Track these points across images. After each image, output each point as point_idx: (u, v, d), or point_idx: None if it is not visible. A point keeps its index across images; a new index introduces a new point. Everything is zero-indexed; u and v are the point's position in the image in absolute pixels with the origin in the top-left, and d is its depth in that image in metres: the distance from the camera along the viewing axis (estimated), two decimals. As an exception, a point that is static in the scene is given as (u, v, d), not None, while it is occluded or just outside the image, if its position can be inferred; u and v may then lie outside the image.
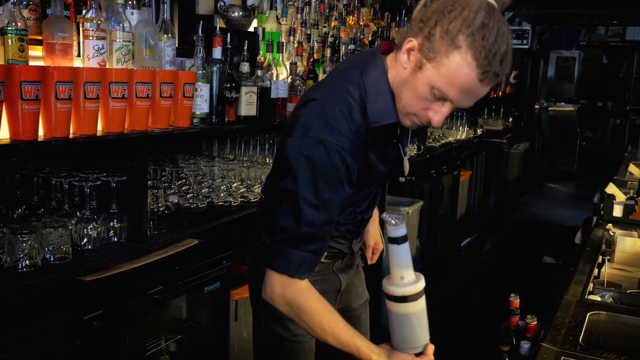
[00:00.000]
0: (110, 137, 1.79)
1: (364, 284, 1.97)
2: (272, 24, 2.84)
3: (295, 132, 1.39)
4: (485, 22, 1.27)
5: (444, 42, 1.28)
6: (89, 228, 1.87)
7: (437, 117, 1.38)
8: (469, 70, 1.28)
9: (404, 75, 1.37)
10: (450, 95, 1.33)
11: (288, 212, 1.36)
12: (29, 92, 1.55)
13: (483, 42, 1.26)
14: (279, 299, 1.41)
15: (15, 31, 1.61)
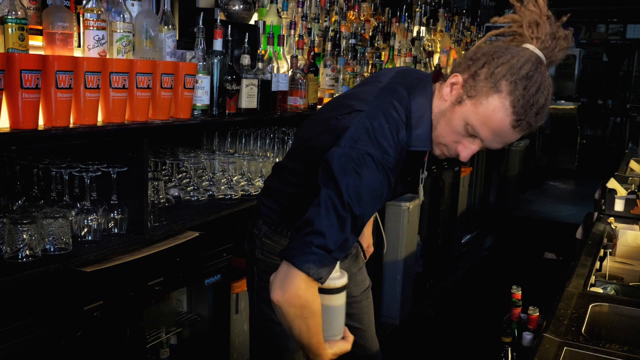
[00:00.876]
0: (111, 127, 1.78)
1: (364, 272, 1.98)
2: (272, 18, 2.83)
3: (343, 142, 1.39)
4: (530, 73, 1.34)
5: (487, 83, 1.35)
6: (89, 219, 1.86)
7: (466, 152, 1.44)
8: (504, 115, 1.34)
9: (443, 107, 1.44)
10: (482, 134, 1.39)
11: (330, 220, 1.32)
12: (29, 80, 1.54)
13: (523, 92, 1.33)
14: (298, 302, 1.35)
15: (15, 20, 1.61)
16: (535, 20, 1.41)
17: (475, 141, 1.43)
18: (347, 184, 1.33)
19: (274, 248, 1.75)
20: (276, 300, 1.35)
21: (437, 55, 4.73)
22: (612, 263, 2.44)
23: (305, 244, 1.31)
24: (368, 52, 3.46)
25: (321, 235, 1.31)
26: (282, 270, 1.35)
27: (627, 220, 2.98)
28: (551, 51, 1.41)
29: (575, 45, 9.72)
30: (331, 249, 1.32)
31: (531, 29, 1.40)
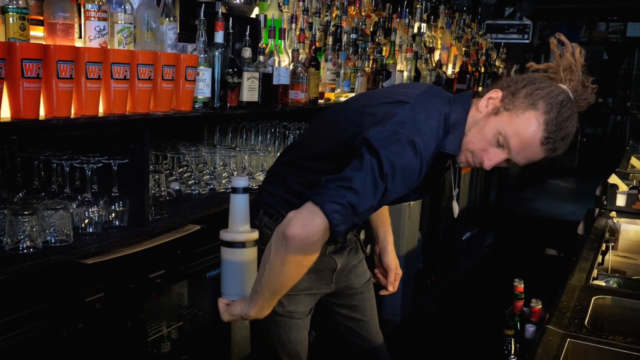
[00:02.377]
0: (112, 118, 1.77)
1: (364, 264, 1.98)
2: (273, 11, 2.82)
3: (387, 124, 1.44)
4: (564, 102, 1.47)
5: (525, 100, 1.47)
6: (90, 211, 1.85)
7: (490, 161, 1.52)
8: (537, 130, 1.45)
9: (478, 117, 1.53)
10: (512, 144, 1.47)
11: (367, 183, 1.34)
12: (30, 70, 1.53)
13: (557, 115, 1.45)
14: (307, 245, 1.34)
15: (16, 9, 1.59)
16: (571, 66, 1.55)
17: (502, 152, 1.50)
18: (388, 157, 1.36)
19: None
20: (290, 235, 1.31)
21: (437, 51, 4.72)
22: (614, 257, 2.43)
23: (339, 195, 1.31)
24: (369, 47, 3.45)
25: (356, 193, 1.32)
26: (305, 210, 1.33)
27: (629, 215, 2.97)
28: (579, 96, 1.54)
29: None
30: (359, 210, 1.33)
31: (566, 72, 1.54)
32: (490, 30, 6.90)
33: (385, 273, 2.00)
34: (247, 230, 1.49)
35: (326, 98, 2.95)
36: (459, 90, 4.82)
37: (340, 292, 1.91)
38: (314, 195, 1.33)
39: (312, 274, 1.79)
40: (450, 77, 4.73)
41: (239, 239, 1.46)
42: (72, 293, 1.65)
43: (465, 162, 1.57)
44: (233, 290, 1.50)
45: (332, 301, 1.93)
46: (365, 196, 1.33)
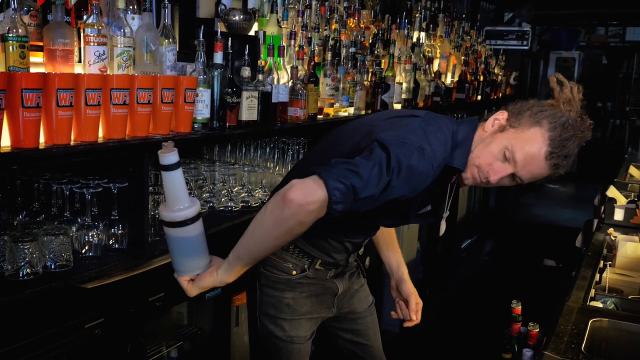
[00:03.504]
0: (112, 144, 1.78)
1: (366, 289, 2.00)
2: (273, 28, 2.83)
3: (398, 131, 1.49)
4: (567, 125, 1.53)
5: (530, 119, 1.55)
6: (90, 235, 1.86)
7: (496, 175, 1.56)
8: (542, 144, 1.52)
9: (484, 135, 1.59)
10: (517, 157, 1.52)
11: (373, 172, 1.37)
12: (30, 99, 1.54)
13: (561, 133, 1.52)
14: (303, 213, 1.34)
15: (16, 38, 1.61)
16: (570, 100, 1.60)
17: (507, 167, 1.55)
18: (397, 154, 1.39)
19: (275, 262, 1.77)
20: (290, 198, 1.33)
21: (436, 60, 4.73)
22: (612, 275, 2.44)
23: (344, 175, 1.34)
24: (368, 60, 3.45)
25: (360, 178, 1.35)
26: (309, 180, 1.35)
27: (627, 230, 2.99)
28: (577, 128, 1.57)
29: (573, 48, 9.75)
30: (360, 195, 1.35)
31: (566, 105, 1.59)
32: (489, 37, 6.91)
33: (406, 303, 2.00)
34: (190, 204, 1.48)
35: (325, 113, 2.96)
36: (458, 100, 4.85)
37: (343, 317, 1.93)
38: (321, 169, 1.36)
39: (313, 297, 1.81)
40: (449, 86, 4.74)
41: (190, 215, 1.46)
42: (72, 319, 1.66)
43: (471, 178, 1.59)
44: (193, 265, 1.51)
45: (335, 325, 1.94)
46: (369, 183, 1.36)
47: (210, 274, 1.52)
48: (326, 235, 1.76)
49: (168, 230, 1.50)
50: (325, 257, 1.79)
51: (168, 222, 1.47)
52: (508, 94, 6.33)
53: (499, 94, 5.94)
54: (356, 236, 1.82)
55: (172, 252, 1.52)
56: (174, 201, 1.45)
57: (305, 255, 1.77)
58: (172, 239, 1.50)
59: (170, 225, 1.47)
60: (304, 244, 1.77)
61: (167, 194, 1.47)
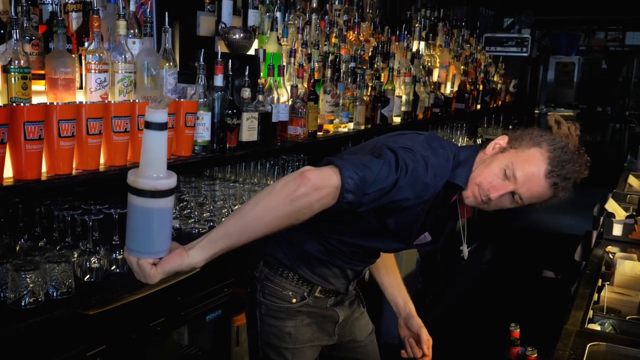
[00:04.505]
0: (113, 172, 1.80)
1: (366, 316, 2.01)
2: (273, 46, 2.84)
3: (405, 141, 1.54)
4: (565, 149, 1.57)
5: (530, 141, 1.59)
6: (92, 261, 1.87)
7: (496, 193, 1.57)
8: (542, 162, 1.55)
9: (485, 157, 1.63)
10: (518, 174, 1.55)
11: (383, 169, 1.39)
12: (32, 132, 1.55)
13: (560, 155, 1.55)
14: (318, 196, 1.30)
15: (18, 70, 1.62)
16: (568, 135, 1.66)
17: (508, 184, 1.56)
18: (404, 157, 1.44)
19: (275, 290, 1.78)
20: (307, 176, 1.29)
21: (436, 70, 4.75)
22: (610, 294, 2.45)
23: (357, 167, 1.36)
24: (368, 74, 3.47)
25: (371, 172, 1.37)
26: (325, 167, 1.36)
27: (626, 245, 3.00)
28: (575, 161, 1.61)
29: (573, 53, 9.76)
30: (369, 189, 1.36)
31: (564, 138, 1.64)
32: (489, 43, 6.93)
33: (416, 339, 1.99)
34: (170, 174, 1.25)
35: (325, 130, 2.97)
36: (458, 110, 4.87)
37: (344, 345, 1.94)
38: (336, 159, 1.38)
39: (314, 325, 1.82)
40: (449, 96, 4.75)
41: (173, 184, 1.23)
42: (74, 347, 1.67)
43: (472, 197, 1.61)
44: (162, 245, 1.25)
45: (336, 355, 1.95)
46: (379, 178, 1.38)
47: (178, 255, 1.26)
48: (327, 261, 1.77)
49: (142, 201, 1.21)
50: (325, 284, 1.80)
51: (146, 191, 1.20)
52: (508, 101, 6.34)
53: (499, 102, 5.96)
54: (357, 263, 1.83)
55: (138, 228, 1.23)
56: (155, 167, 1.22)
57: (305, 282, 1.78)
58: (145, 211, 1.21)
59: (149, 195, 1.20)
60: (304, 270, 1.78)
61: (148, 159, 1.23)
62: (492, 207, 1.63)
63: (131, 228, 1.24)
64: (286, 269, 1.78)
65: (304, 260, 1.77)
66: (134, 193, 1.21)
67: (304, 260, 1.77)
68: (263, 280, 1.78)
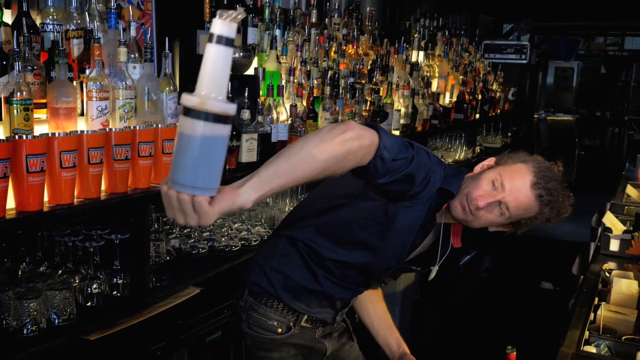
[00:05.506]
0: (114, 199, 1.82)
1: (356, 349, 2.02)
2: (272, 64, 2.86)
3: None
4: (551, 169, 1.64)
5: (516, 159, 1.66)
6: (93, 287, 1.90)
7: (483, 201, 1.61)
8: (527, 174, 1.61)
9: (473, 175, 1.70)
10: (505, 183, 1.61)
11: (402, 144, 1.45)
12: (35, 164, 1.57)
13: (545, 171, 1.62)
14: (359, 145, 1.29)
15: (20, 102, 1.64)
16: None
17: (495, 194, 1.61)
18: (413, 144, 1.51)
19: (260, 321, 1.78)
20: (352, 125, 1.29)
21: (435, 80, 4.77)
22: (606, 313, 2.47)
23: (388, 134, 1.40)
24: (367, 88, 3.49)
25: (397, 142, 1.42)
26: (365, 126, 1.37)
27: (623, 261, 3.03)
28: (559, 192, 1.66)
29: (572, 58, 9.78)
30: (397, 156, 1.41)
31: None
32: (488, 50, 6.94)
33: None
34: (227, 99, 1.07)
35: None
36: (457, 120, 4.88)
37: None
38: (371, 123, 1.44)
39: (300, 357, 1.83)
40: (448, 106, 4.77)
41: (231, 110, 1.05)
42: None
43: (460, 207, 1.64)
44: (218, 180, 1.09)
45: None
46: (402, 149, 1.43)
47: (230, 193, 1.12)
48: (314, 290, 1.77)
49: (210, 126, 1.03)
50: (311, 313, 1.80)
51: (219, 115, 1.03)
52: (507, 109, 6.36)
53: (497, 110, 5.98)
54: (346, 291, 1.82)
55: (199, 159, 1.04)
56: (222, 89, 1.04)
57: (290, 311, 1.77)
58: (212, 139, 1.04)
59: (219, 120, 1.03)
60: (289, 299, 1.77)
61: (217, 79, 1.04)
62: (479, 222, 1.66)
63: (189, 159, 1.05)
64: (271, 298, 1.77)
65: (289, 289, 1.77)
66: (200, 118, 1.02)
67: (289, 289, 1.77)
68: (248, 310, 1.78)
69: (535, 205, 1.62)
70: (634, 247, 3.06)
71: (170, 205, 1.08)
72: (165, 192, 1.08)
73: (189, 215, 1.09)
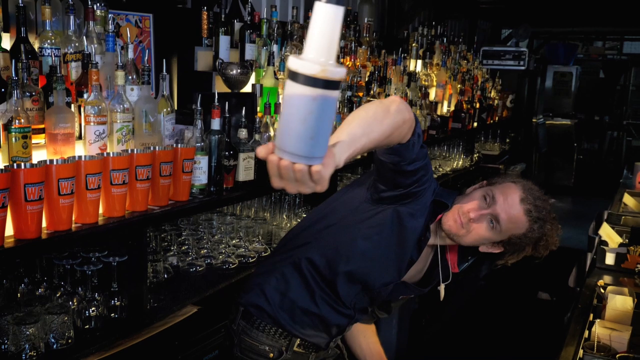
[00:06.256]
0: (112, 224, 1.84)
1: None
2: (269, 80, 2.88)
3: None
4: (539, 191, 1.74)
5: (505, 179, 1.77)
6: (91, 310, 1.91)
7: (475, 213, 1.70)
8: (516, 190, 1.71)
9: (465, 194, 1.78)
10: (497, 197, 1.69)
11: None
12: (33, 193, 1.59)
13: (532, 190, 1.72)
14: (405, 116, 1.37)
15: (19, 129, 1.66)
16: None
17: (487, 207, 1.69)
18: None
19: (252, 345, 1.80)
20: (396, 99, 1.39)
21: (433, 89, 4.78)
22: (601, 329, 2.49)
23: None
24: (364, 101, 3.50)
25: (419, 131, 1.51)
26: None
27: (618, 274, 3.05)
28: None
29: (571, 62, 9.79)
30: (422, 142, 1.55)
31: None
32: (486, 57, 6.96)
33: None
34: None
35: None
36: (455, 129, 4.90)
37: None
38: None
39: None
40: (446, 115, 4.79)
41: (345, 75, 0.99)
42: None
43: (452, 220, 1.71)
44: (326, 147, 1.04)
45: None
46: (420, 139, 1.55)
47: (330, 155, 1.07)
48: (311, 312, 1.79)
49: (327, 93, 0.97)
50: (304, 336, 1.81)
51: (336, 82, 0.98)
52: (505, 116, 6.38)
53: (495, 118, 6.00)
54: (341, 316, 1.84)
55: (315, 129, 0.98)
56: (333, 52, 0.98)
57: (282, 335, 1.79)
58: (329, 105, 0.99)
59: (332, 87, 0.98)
60: (285, 319, 1.79)
61: (330, 41, 0.97)
62: (471, 237, 1.71)
63: (308, 129, 0.99)
64: (264, 320, 1.79)
65: (286, 308, 1.79)
66: (320, 86, 0.97)
67: (286, 309, 1.79)
68: (240, 334, 1.80)
69: (524, 221, 1.69)
70: (630, 261, 3.08)
71: (283, 175, 1.02)
72: (276, 163, 1.01)
73: (305, 184, 1.03)
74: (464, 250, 1.87)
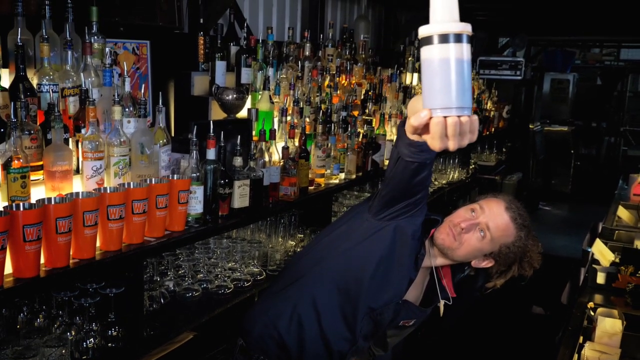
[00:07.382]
0: (109, 259, 1.88)
1: None
2: (265, 104, 2.93)
3: None
4: (520, 205, 1.92)
5: (488, 196, 1.94)
6: (88, 341, 1.95)
7: (465, 224, 1.85)
8: (500, 202, 1.88)
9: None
10: (484, 207, 1.85)
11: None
12: (31, 234, 1.63)
13: (515, 203, 1.90)
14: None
15: (17, 170, 1.71)
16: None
17: (476, 218, 1.84)
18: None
19: None
20: None
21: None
22: (590, 352, 2.53)
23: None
24: (359, 120, 3.54)
25: None
26: None
27: (609, 294, 3.09)
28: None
29: (568, 69, 9.83)
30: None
31: None
32: (483, 67, 7.01)
33: None
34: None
35: (316, 184, 3.05)
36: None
37: None
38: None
39: None
40: (441, 129, 4.82)
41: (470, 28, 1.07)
42: None
43: (445, 234, 1.87)
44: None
45: None
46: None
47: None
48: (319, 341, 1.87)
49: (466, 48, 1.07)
50: None
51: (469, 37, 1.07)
52: (501, 127, 6.42)
53: (492, 129, 6.03)
54: (344, 343, 1.92)
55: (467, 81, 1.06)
56: (452, 10, 1.08)
57: None
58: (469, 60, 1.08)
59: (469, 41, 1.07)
60: (292, 341, 1.88)
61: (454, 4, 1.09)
62: (464, 249, 1.85)
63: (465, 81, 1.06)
64: (262, 354, 1.88)
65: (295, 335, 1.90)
66: (464, 41, 1.06)
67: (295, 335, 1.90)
68: None
69: (512, 227, 1.85)
70: (620, 281, 3.13)
71: (450, 132, 1.03)
72: (443, 122, 1.02)
73: (466, 136, 1.05)
74: (457, 274, 2.08)
